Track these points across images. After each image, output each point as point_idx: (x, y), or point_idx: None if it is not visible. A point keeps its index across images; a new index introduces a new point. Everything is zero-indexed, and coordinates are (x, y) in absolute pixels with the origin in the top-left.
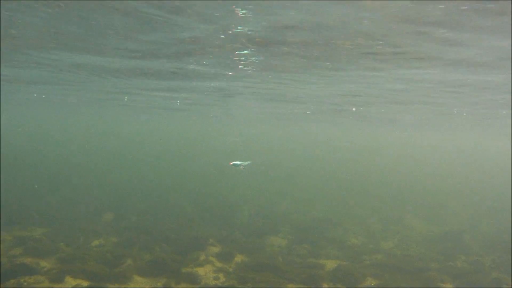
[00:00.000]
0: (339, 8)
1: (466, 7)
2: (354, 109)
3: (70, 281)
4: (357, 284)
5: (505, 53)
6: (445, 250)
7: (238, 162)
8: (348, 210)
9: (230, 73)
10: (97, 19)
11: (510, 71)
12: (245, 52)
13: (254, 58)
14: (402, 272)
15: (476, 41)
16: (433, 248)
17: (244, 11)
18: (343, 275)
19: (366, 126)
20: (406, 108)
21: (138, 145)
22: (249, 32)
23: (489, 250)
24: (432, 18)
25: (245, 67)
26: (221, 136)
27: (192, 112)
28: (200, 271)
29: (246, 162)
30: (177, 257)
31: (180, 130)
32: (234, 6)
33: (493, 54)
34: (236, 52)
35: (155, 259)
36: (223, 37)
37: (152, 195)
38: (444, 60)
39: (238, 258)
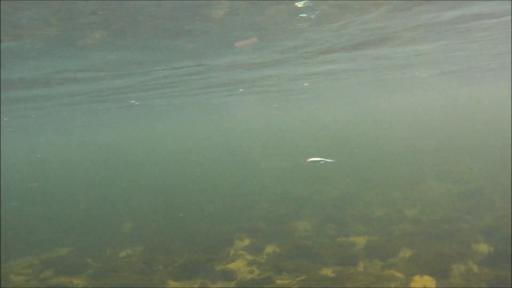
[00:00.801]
0: None
1: None
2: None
3: None
4: (392, 257)
5: None
6: (470, 209)
7: (317, 159)
8: (365, 183)
9: None
10: None
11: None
12: None
13: None
14: (433, 237)
15: None
16: (457, 208)
17: None
18: (376, 250)
19: (369, 92)
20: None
21: (148, 149)
22: None
23: None
24: None
25: None
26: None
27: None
28: (233, 266)
29: (327, 160)
30: (207, 256)
31: (190, 128)
32: None
33: None
34: None
35: (186, 262)
36: None
37: (167, 198)
38: None
39: (268, 248)
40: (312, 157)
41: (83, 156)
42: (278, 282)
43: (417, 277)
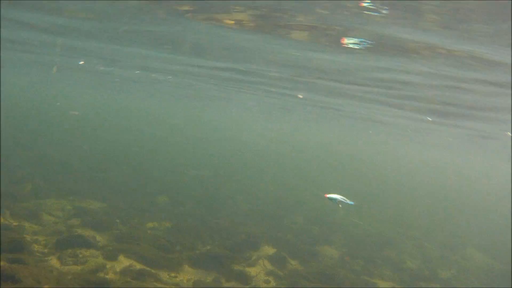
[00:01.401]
0: None
1: None
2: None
3: (123, 260)
4: None
5: None
6: None
7: (336, 197)
8: (404, 229)
9: None
10: None
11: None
12: None
13: None
14: None
15: None
16: (494, 285)
17: None
18: None
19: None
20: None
21: (202, 135)
22: None
23: None
24: None
25: None
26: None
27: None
28: (252, 271)
29: (347, 201)
30: (229, 253)
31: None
32: None
33: None
34: None
35: (207, 252)
36: None
37: (207, 185)
38: None
39: (291, 264)
40: (331, 194)
41: (145, 127)
42: None
43: None
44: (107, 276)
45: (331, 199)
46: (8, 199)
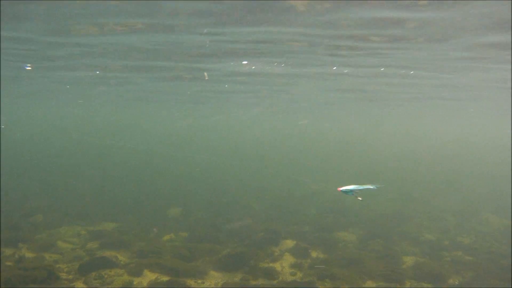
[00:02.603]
0: None
1: None
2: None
3: (149, 274)
4: (441, 283)
5: None
6: None
7: (351, 188)
8: (417, 205)
9: None
10: None
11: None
12: None
13: None
14: (486, 270)
15: None
16: None
17: None
18: (424, 272)
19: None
20: None
21: (201, 141)
22: None
23: None
24: None
25: None
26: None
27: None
28: (276, 266)
29: (365, 187)
30: (251, 252)
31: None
32: None
33: None
34: None
35: (229, 254)
36: None
37: (216, 192)
38: None
39: (313, 254)
40: (344, 186)
41: (146, 142)
42: None
43: None
44: None
45: (346, 192)
46: (22, 233)
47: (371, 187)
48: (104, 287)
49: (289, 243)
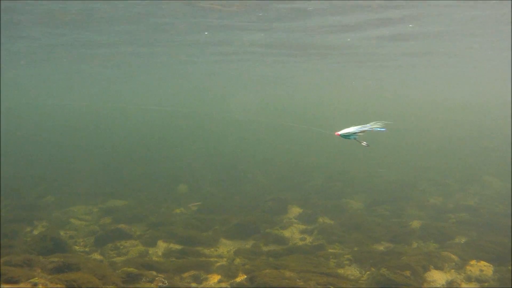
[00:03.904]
0: None
1: None
2: None
3: (162, 244)
4: (447, 242)
5: None
6: None
7: (352, 130)
8: (421, 172)
9: None
10: None
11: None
12: None
13: None
14: (490, 229)
15: None
16: None
17: None
18: (430, 233)
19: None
20: None
21: (204, 115)
22: None
23: None
24: None
25: None
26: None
27: None
28: (286, 233)
29: (368, 126)
30: (261, 221)
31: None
32: None
33: None
34: None
35: (240, 223)
36: None
37: (221, 166)
38: None
39: (321, 220)
40: (343, 130)
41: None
42: (330, 251)
43: (473, 262)
44: (153, 259)
45: (345, 136)
46: (37, 212)
47: (377, 127)
48: (120, 258)
49: (297, 210)
